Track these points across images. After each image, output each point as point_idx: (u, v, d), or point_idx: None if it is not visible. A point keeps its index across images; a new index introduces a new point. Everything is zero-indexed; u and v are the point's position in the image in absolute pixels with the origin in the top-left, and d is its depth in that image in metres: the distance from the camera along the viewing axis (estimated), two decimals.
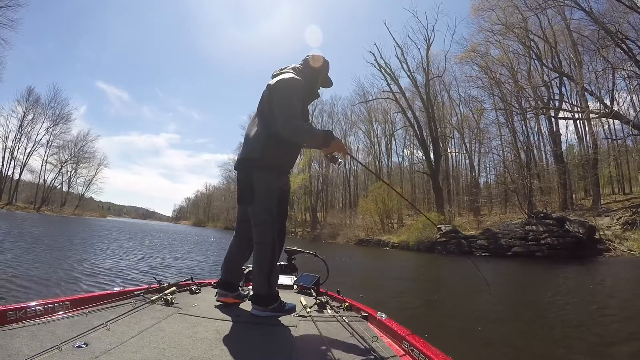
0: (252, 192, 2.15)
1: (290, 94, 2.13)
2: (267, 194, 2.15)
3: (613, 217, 17.96)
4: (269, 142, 2.14)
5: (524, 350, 3.91)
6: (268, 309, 2.09)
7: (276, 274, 2.22)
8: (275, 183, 2.18)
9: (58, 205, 57.13)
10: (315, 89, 2.40)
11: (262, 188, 2.14)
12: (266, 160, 2.14)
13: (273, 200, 2.16)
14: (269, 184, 2.16)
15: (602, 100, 22.48)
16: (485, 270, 13.05)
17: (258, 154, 2.15)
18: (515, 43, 26.27)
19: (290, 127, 2.07)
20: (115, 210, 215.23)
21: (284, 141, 2.13)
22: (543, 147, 28.27)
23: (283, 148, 2.18)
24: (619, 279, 10.02)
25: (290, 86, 2.15)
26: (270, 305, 2.10)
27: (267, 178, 2.16)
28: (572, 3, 21.96)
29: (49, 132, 51.68)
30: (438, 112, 32.79)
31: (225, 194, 79.23)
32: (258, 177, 2.15)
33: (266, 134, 2.16)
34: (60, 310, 1.72)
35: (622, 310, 6.02)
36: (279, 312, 2.09)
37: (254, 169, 2.16)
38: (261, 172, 2.15)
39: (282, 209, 2.26)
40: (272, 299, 2.12)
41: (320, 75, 2.41)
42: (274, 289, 2.16)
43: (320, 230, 38.33)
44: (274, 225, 2.16)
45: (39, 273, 6.42)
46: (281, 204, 2.24)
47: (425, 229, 22.33)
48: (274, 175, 2.18)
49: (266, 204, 2.14)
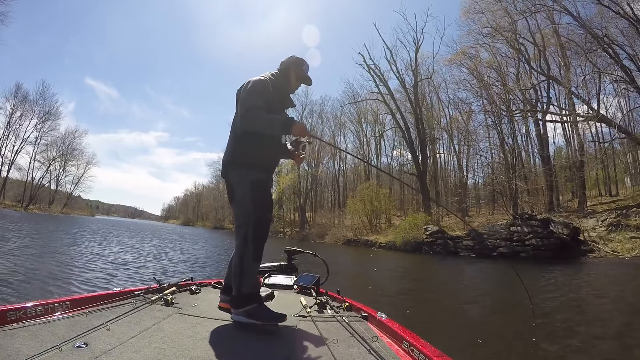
0: (232, 192, 2.19)
1: (250, 90, 2.16)
2: (242, 193, 2.14)
3: (598, 219, 18.02)
4: (238, 142, 2.18)
5: (524, 350, 3.83)
6: (240, 312, 1.94)
7: (250, 272, 2.05)
8: (247, 178, 2.14)
9: (46, 203, 56.28)
10: (288, 85, 2.40)
11: (238, 188, 2.16)
12: (238, 159, 2.17)
13: (247, 196, 2.12)
14: (242, 181, 2.15)
15: (589, 103, 22.73)
16: (471, 270, 13.03)
17: (229, 155, 2.22)
18: (504, 46, 26.52)
19: (247, 118, 2.10)
20: (103, 208, 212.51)
21: (252, 138, 2.14)
22: (531, 149, 28.47)
23: (252, 145, 2.16)
24: (601, 279, 9.96)
25: (252, 84, 2.19)
26: (240, 308, 1.94)
27: (240, 176, 2.16)
28: (560, 8, 22.26)
29: (37, 129, 50.93)
30: (427, 114, 32.88)
31: (215, 193, 78.55)
32: (233, 177, 2.19)
33: (234, 134, 2.22)
34: (60, 310, 1.73)
35: (606, 310, 5.94)
36: (256, 318, 1.91)
37: (230, 170, 2.20)
38: (234, 172, 2.19)
39: (260, 202, 2.14)
40: (243, 301, 1.96)
41: (292, 71, 2.40)
42: (246, 289, 1.99)
43: (308, 230, 38.08)
44: (249, 219, 2.08)
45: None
46: (257, 196, 2.13)
47: (411, 229, 22.28)
48: (245, 171, 2.16)
49: (244, 203, 2.13)
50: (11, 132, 49.16)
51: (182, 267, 9.40)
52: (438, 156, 35.31)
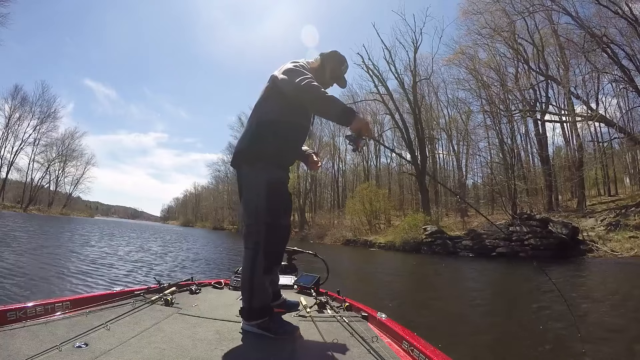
0: (241, 190, 1.95)
1: (298, 67, 1.91)
2: (253, 191, 1.89)
3: (597, 219, 18.01)
4: (257, 131, 1.90)
5: (524, 350, 3.82)
6: (252, 324, 1.79)
7: (261, 286, 1.84)
8: (262, 177, 1.86)
9: (45, 204, 56.11)
10: (321, 80, 2.07)
11: (248, 185, 1.91)
12: (253, 151, 1.88)
13: (261, 199, 1.84)
14: (255, 180, 1.88)
15: (588, 103, 22.76)
16: (470, 270, 13.00)
17: (245, 145, 1.92)
18: (503, 46, 26.53)
19: (304, 82, 1.79)
20: (103, 210, 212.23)
21: (276, 126, 1.89)
22: (530, 149, 28.47)
23: (273, 135, 1.88)
24: (601, 278, 9.96)
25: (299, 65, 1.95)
26: (252, 321, 1.79)
27: (253, 173, 1.89)
28: (559, 8, 22.27)
29: (36, 130, 50.92)
30: (426, 114, 32.85)
31: (214, 194, 78.51)
32: (244, 174, 1.93)
33: (256, 121, 1.92)
34: (60, 311, 1.72)
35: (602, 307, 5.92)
36: (268, 332, 1.77)
37: (243, 163, 1.93)
38: (247, 166, 1.91)
39: (274, 206, 1.87)
40: (253, 314, 1.80)
41: (329, 66, 2.15)
42: (256, 303, 1.80)
43: (308, 230, 38.06)
44: (260, 227, 1.84)
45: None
46: (272, 200, 1.86)
47: (410, 229, 22.25)
48: (260, 168, 1.87)
49: (252, 203, 1.88)
50: (10, 133, 49.15)
51: (191, 265, 9.86)
52: (437, 156, 35.36)
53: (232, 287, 2.84)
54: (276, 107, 1.92)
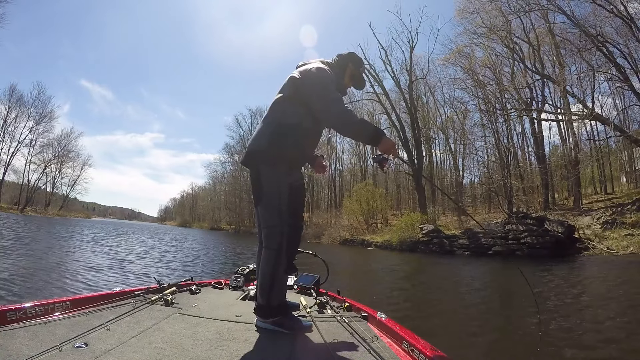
0: (260, 191, 1.92)
1: (326, 79, 1.91)
2: (275, 193, 1.89)
3: (594, 217, 18.03)
4: (278, 132, 1.89)
5: (524, 350, 3.79)
6: (267, 321, 1.88)
7: (280, 284, 1.94)
8: (284, 179, 1.90)
9: (42, 206, 55.78)
10: (340, 82, 2.15)
11: (270, 186, 1.90)
12: (273, 154, 1.87)
13: (283, 200, 1.89)
14: (278, 182, 1.90)
15: (583, 102, 22.77)
16: (467, 269, 13.01)
17: (265, 145, 1.90)
18: (499, 45, 26.55)
19: (336, 109, 1.83)
20: (100, 210, 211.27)
21: (295, 131, 1.89)
22: (526, 148, 28.52)
23: (293, 139, 1.89)
24: (595, 276, 9.96)
25: (325, 73, 1.95)
26: (270, 318, 1.87)
27: (275, 174, 1.90)
28: (554, 7, 22.31)
29: (32, 131, 50.48)
30: (422, 114, 32.88)
31: (211, 194, 78.26)
32: (265, 174, 1.91)
33: (277, 122, 1.91)
34: (60, 311, 1.73)
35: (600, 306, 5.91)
36: (284, 328, 1.86)
37: (261, 164, 1.92)
38: (267, 168, 1.90)
39: (294, 208, 1.97)
40: (271, 312, 1.87)
41: (348, 67, 2.19)
42: (275, 301, 1.88)
43: (305, 230, 37.97)
44: (283, 228, 1.88)
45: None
46: (293, 202, 1.94)
47: (407, 228, 22.28)
48: (282, 170, 1.90)
49: (274, 204, 1.89)
50: (6, 134, 48.71)
51: (191, 265, 9.88)
52: (434, 155, 35.38)
53: (232, 287, 2.86)
54: (300, 110, 1.92)
